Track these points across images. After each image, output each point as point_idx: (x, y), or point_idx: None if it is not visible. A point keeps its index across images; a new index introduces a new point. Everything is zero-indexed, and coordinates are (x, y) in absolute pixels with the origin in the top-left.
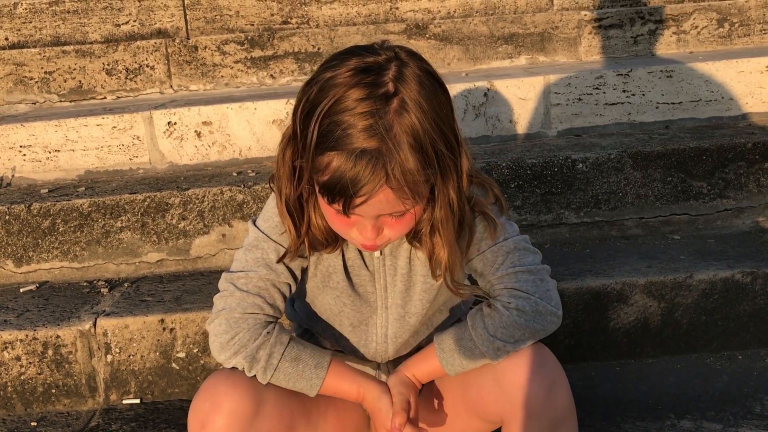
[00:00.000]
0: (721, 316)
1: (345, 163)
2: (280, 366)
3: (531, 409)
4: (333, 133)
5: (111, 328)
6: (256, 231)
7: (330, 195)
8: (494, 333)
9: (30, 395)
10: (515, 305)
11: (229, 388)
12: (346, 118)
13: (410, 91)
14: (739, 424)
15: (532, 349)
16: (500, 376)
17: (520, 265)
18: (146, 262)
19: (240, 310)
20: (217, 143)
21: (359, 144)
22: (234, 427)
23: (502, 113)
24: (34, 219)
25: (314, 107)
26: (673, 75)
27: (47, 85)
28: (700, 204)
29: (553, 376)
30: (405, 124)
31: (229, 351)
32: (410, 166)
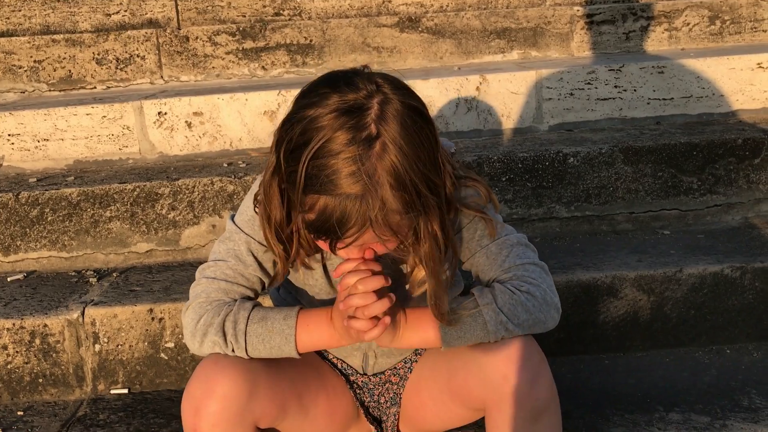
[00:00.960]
0: (710, 310)
1: (331, 206)
2: (250, 329)
3: (514, 398)
4: (318, 177)
5: (99, 317)
6: (231, 224)
7: (316, 233)
8: (501, 307)
9: (17, 384)
10: (527, 289)
11: (221, 372)
12: (332, 162)
13: (391, 132)
14: (727, 417)
15: (519, 340)
16: (485, 364)
17: (526, 257)
18: (135, 252)
19: (204, 295)
20: (208, 134)
21: (345, 189)
22: (228, 411)
23: (493, 107)
24: (23, 208)
25: (298, 149)
26: (665, 71)
27: (36, 74)
28: (690, 199)
29: (537, 368)
30: (386, 166)
31: (199, 334)
32: (393, 206)
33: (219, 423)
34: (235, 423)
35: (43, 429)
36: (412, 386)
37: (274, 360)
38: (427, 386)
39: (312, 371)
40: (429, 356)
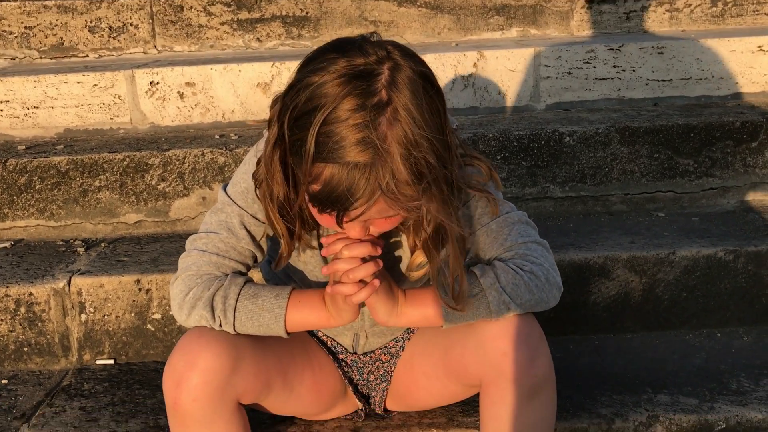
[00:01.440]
0: (702, 293)
1: (338, 175)
2: (239, 305)
3: (512, 375)
4: (325, 145)
5: (86, 287)
6: (223, 195)
7: (321, 205)
8: (504, 286)
9: (1, 353)
10: (530, 269)
11: (204, 345)
12: (339, 129)
13: (403, 99)
14: (715, 399)
15: (518, 317)
16: (484, 340)
17: (527, 236)
18: (124, 223)
19: (195, 268)
20: (200, 105)
21: (352, 157)
22: (209, 386)
23: (490, 85)
24: (10, 175)
25: (303, 116)
26: (665, 52)
27: (27, 40)
28: (685, 182)
29: (536, 345)
30: (397, 135)
31: (186, 307)
32: (403, 177)
33: (200, 397)
34: (217, 397)
35: (27, 398)
36: (404, 363)
37: (260, 335)
38: (420, 363)
39: (299, 348)
40: (423, 333)
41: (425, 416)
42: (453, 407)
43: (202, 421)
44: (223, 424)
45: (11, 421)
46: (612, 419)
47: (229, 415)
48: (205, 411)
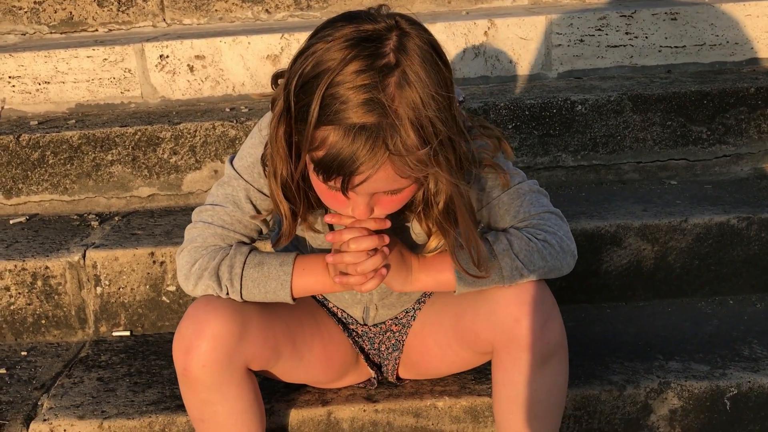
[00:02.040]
0: (714, 260)
1: (342, 139)
2: (245, 274)
3: (524, 341)
4: (330, 107)
5: (100, 260)
6: (230, 168)
7: (326, 173)
8: (517, 253)
9: (20, 325)
10: (543, 237)
11: (211, 313)
12: (344, 91)
13: (413, 64)
14: (727, 366)
15: (531, 283)
16: (496, 307)
17: (540, 205)
18: (137, 197)
19: (201, 239)
20: (210, 78)
21: (357, 119)
22: (218, 351)
23: (501, 53)
24: (24, 150)
25: (309, 81)
26: (678, 18)
27: (37, 15)
28: (698, 149)
29: (549, 311)
30: (407, 98)
31: (193, 278)
32: (411, 142)
33: (209, 363)
34: (226, 363)
35: (46, 369)
36: (415, 333)
37: (269, 303)
38: (432, 331)
39: (308, 316)
40: (434, 303)
41: (437, 384)
42: (465, 375)
43: (211, 387)
44: (233, 389)
45: (31, 392)
46: (623, 386)
47: (238, 380)
48: (215, 377)
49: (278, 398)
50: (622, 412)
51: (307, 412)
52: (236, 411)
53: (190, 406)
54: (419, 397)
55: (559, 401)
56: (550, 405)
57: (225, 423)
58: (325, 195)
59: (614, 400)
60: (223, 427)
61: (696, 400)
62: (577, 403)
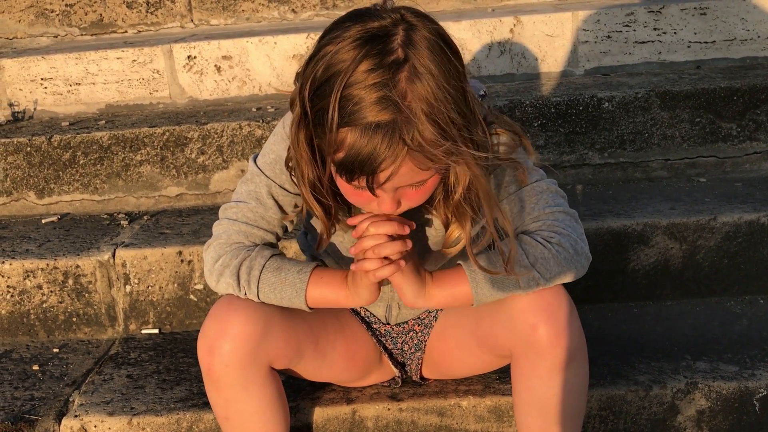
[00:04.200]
0: (744, 259)
1: (360, 139)
2: (263, 277)
3: (541, 348)
4: (346, 109)
5: (130, 259)
6: (253, 165)
7: (349, 173)
8: (533, 263)
9: (52, 323)
10: (557, 240)
11: (233, 313)
12: (356, 92)
13: (421, 57)
14: (756, 366)
15: (548, 292)
16: (514, 314)
17: (555, 205)
18: (166, 196)
19: (225, 236)
20: (237, 78)
21: (372, 118)
22: (241, 351)
23: (527, 50)
24: (55, 151)
25: (323, 85)
26: (707, 12)
27: (68, 18)
28: (728, 146)
29: (566, 317)
30: (418, 92)
31: (215, 274)
32: (428, 135)
33: (232, 362)
34: (248, 363)
35: (77, 366)
36: (437, 334)
37: None
38: (453, 334)
39: (330, 316)
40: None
41: (462, 383)
42: (489, 375)
43: (235, 386)
44: (257, 388)
45: (63, 388)
46: (650, 386)
47: (262, 379)
48: (238, 376)
49: (303, 396)
50: (648, 413)
51: (332, 410)
52: (260, 409)
53: (215, 404)
54: (443, 396)
55: (579, 405)
56: (570, 409)
57: (249, 421)
58: (350, 194)
59: (640, 401)
60: (248, 425)
61: (724, 401)
62: (603, 403)
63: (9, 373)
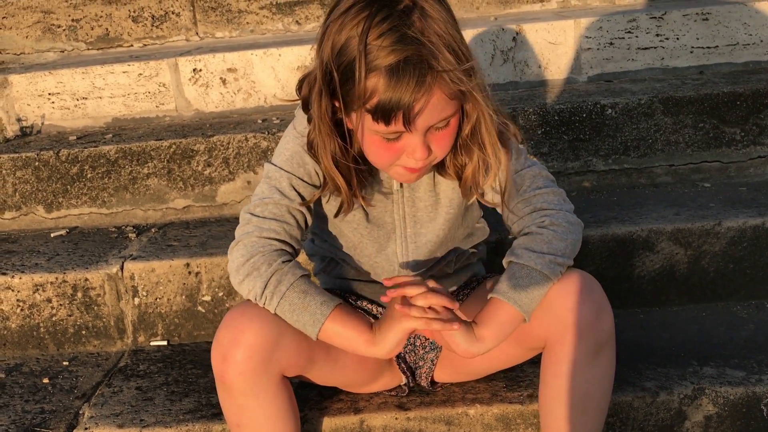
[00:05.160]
0: (749, 264)
1: (391, 78)
2: (287, 294)
3: (580, 330)
4: (371, 55)
5: (138, 271)
6: (269, 165)
7: (386, 115)
8: (542, 250)
9: (61, 336)
10: (549, 222)
11: (247, 322)
12: (377, 40)
13: (426, 3)
14: (763, 371)
15: (579, 276)
16: (550, 300)
17: (544, 186)
18: (173, 209)
19: (257, 233)
20: (242, 90)
21: (399, 55)
22: (253, 360)
23: (530, 58)
24: (63, 165)
25: (344, 45)
26: (710, 18)
27: (75, 33)
28: (732, 151)
29: (600, 300)
30: (433, 28)
31: (243, 272)
32: (450, 61)
33: (245, 371)
34: (261, 371)
35: (87, 378)
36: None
37: None
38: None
39: None
40: (476, 299)
41: (469, 391)
42: (497, 382)
43: (247, 393)
44: (269, 396)
45: (73, 401)
46: (656, 392)
47: (274, 388)
48: (250, 384)
49: (311, 406)
50: (655, 419)
51: (339, 420)
52: (272, 417)
53: (227, 411)
54: (451, 404)
55: (605, 397)
56: (597, 401)
57: (261, 428)
58: (382, 151)
59: (647, 407)
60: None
61: (731, 407)
62: (610, 410)
63: (20, 386)
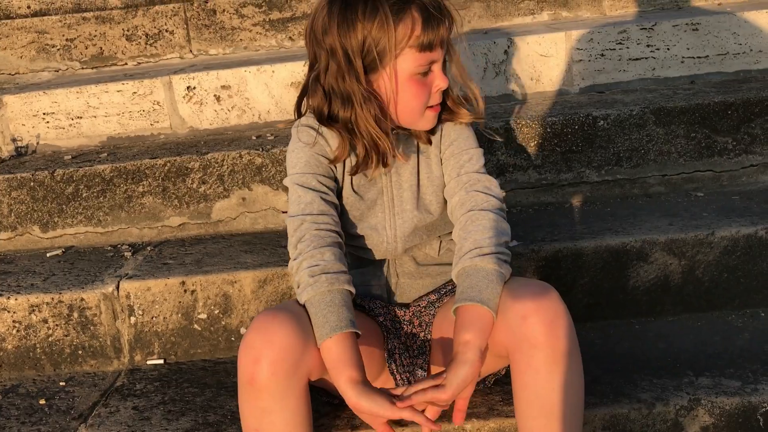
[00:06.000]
0: (743, 273)
1: (422, 13)
2: (323, 294)
3: (534, 339)
4: (391, 12)
5: (134, 290)
6: (291, 178)
7: (432, 30)
8: (480, 245)
9: (58, 356)
10: (477, 217)
11: (278, 325)
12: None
13: None
14: (759, 381)
15: (535, 285)
16: (504, 308)
17: (481, 167)
18: (168, 226)
19: (313, 228)
20: (237, 107)
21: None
22: (285, 362)
23: (522, 71)
24: (58, 185)
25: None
26: (699, 28)
27: (69, 52)
28: (724, 160)
29: (555, 308)
30: None
31: (294, 251)
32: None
33: (277, 372)
34: (291, 373)
35: (84, 398)
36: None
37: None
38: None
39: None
40: (449, 305)
41: None
42: (493, 396)
43: (276, 395)
44: (294, 399)
45: (70, 422)
46: (652, 404)
47: (299, 391)
48: (281, 385)
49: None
50: (652, 431)
51: None
52: (291, 423)
53: (247, 415)
54: (447, 419)
55: (577, 402)
56: (568, 407)
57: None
58: (421, 91)
59: (643, 419)
60: None
61: (728, 417)
62: (606, 422)
63: (16, 408)
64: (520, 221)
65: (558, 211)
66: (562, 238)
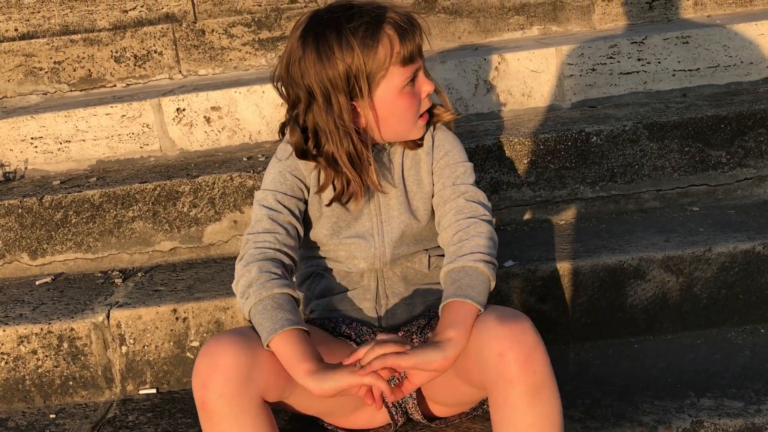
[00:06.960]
0: (741, 289)
1: (396, 29)
2: (266, 300)
3: (510, 375)
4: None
5: (124, 319)
6: (257, 192)
7: (411, 56)
8: (474, 251)
9: (48, 388)
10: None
11: (223, 347)
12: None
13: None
14: (762, 401)
15: (509, 317)
16: (481, 344)
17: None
18: (159, 251)
19: (253, 246)
20: (227, 128)
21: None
22: (231, 382)
23: (513, 87)
24: (47, 211)
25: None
26: (690, 41)
27: (57, 75)
28: (719, 174)
29: (531, 344)
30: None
31: (238, 275)
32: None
33: (224, 393)
34: (240, 392)
35: (75, 431)
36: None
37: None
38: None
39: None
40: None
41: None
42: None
43: (229, 417)
44: (249, 419)
45: None
46: (654, 427)
47: (255, 410)
48: (231, 406)
49: None
50: None
51: None
52: None
53: None
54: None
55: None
56: None
57: None
58: (412, 101)
59: None
60: None
61: None
62: None
63: None
64: (515, 239)
65: (553, 229)
66: (558, 257)
